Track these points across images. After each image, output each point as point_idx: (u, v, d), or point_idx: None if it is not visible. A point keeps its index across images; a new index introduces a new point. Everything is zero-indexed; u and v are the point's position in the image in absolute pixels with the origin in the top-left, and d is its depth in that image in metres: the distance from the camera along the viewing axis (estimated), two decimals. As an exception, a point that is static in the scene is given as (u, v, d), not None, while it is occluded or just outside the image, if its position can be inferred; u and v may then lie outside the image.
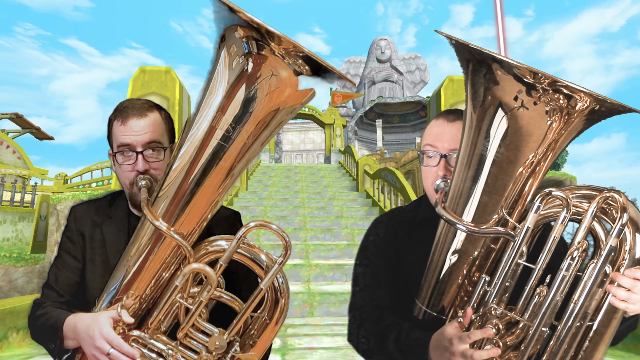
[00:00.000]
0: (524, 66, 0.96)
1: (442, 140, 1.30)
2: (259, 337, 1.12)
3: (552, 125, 1.01)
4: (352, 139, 29.48)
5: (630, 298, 0.99)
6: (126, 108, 1.28)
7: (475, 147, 1.08)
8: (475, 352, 1.01)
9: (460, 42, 1.04)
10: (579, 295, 0.99)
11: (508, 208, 1.08)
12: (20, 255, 11.25)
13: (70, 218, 1.37)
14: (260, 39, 0.96)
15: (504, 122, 1.03)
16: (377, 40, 34.84)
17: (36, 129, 22.61)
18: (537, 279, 1.03)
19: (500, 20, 13.90)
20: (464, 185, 1.11)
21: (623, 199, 0.98)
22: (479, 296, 1.08)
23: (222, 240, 1.12)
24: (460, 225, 1.07)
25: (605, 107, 0.97)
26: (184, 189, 1.06)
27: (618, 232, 0.97)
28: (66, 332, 1.15)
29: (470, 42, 1.02)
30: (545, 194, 1.02)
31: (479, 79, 1.05)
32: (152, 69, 10.48)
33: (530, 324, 1.01)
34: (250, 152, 1.06)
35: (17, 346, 5.44)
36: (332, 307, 7.11)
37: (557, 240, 1.01)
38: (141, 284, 1.12)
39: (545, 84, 0.96)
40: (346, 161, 20.57)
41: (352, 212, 12.11)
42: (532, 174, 1.06)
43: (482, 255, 1.13)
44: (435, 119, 1.37)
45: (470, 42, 1.02)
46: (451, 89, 10.31)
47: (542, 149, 1.03)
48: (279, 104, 1.02)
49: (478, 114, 1.07)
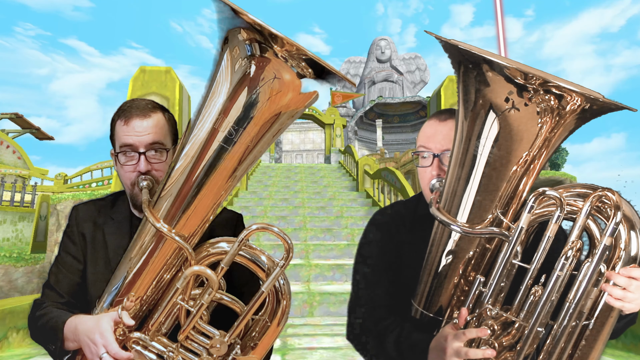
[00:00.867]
0: (514, 67, 0.96)
1: (434, 140, 1.30)
2: (260, 339, 1.12)
3: (544, 126, 1.00)
4: (352, 139, 29.48)
5: (626, 297, 0.99)
6: (130, 108, 1.28)
7: (468, 147, 1.08)
8: (470, 349, 1.01)
9: (450, 42, 1.03)
10: (574, 295, 0.99)
11: (502, 208, 1.08)
12: (20, 255, 11.24)
13: (72, 218, 1.37)
14: (264, 42, 0.96)
15: (495, 124, 1.03)
16: (377, 40, 34.82)
17: (36, 129, 22.61)
18: (532, 278, 1.03)
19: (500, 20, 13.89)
20: (457, 185, 1.11)
21: (617, 197, 0.98)
22: (474, 297, 1.08)
23: (223, 242, 1.12)
24: (455, 226, 1.07)
25: (597, 105, 0.97)
26: (186, 191, 1.06)
27: (612, 231, 0.97)
28: (67, 334, 1.14)
29: (460, 42, 1.02)
30: (539, 194, 1.01)
31: (469, 80, 1.04)
32: (152, 69, 10.47)
33: (526, 324, 1.01)
34: (252, 155, 1.06)
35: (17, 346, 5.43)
36: (332, 307, 7.10)
37: (551, 239, 1.00)
38: (142, 285, 1.12)
39: (536, 84, 0.96)
40: (346, 161, 20.56)
41: (352, 212, 12.10)
42: (525, 173, 1.06)
43: (477, 255, 1.13)
44: (428, 120, 1.37)
45: (460, 42, 1.02)
46: (451, 89, 10.29)
47: (535, 149, 1.03)
48: (281, 107, 1.01)
49: (470, 116, 1.06)
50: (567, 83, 0.95)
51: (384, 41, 34.60)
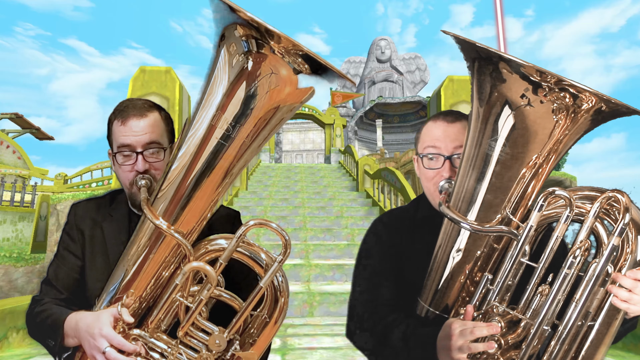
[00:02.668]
0: (530, 65, 0.96)
1: (444, 141, 1.29)
2: (258, 335, 1.12)
3: (558, 124, 1.01)
4: (352, 139, 29.48)
5: (632, 299, 0.99)
6: (126, 108, 1.28)
7: (481, 145, 1.08)
8: (472, 343, 1.01)
9: (468, 41, 1.04)
10: (580, 295, 1.00)
11: (512, 207, 1.08)
12: (20, 255, 11.24)
13: (71, 215, 1.37)
14: (260, 38, 0.96)
15: (510, 120, 1.03)
16: (377, 40, 34.82)
17: (36, 129, 22.61)
18: (540, 278, 1.03)
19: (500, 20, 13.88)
20: (468, 184, 1.11)
21: (626, 200, 0.99)
22: (482, 294, 1.09)
23: (221, 239, 1.12)
24: (465, 224, 1.07)
25: (609, 108, 0.98)
26: (184, 188, 1.06)
27: (620, 231, 0.98)
28: (67, 330, 1.14)
29: (477, 41, 1.02)
30: (549, 193, 1.02)
31: (485, 77, 1.05)
32: (152, 69, 10.46)
33: (532, 322, 1.02)
34: (250, 151, 1.06)
35: (17, 346, 5.43)
36: (332, 307, 7.10)
37: (559, 239, 1.01)
38: (141, 282, 1.12)
39: (551, 83, 0.96)
40: (346, 161, 20.56)
41: (352, 212, 12.10)
42: (535, 174, 1.06)
43: (485, 254, 1.13)
44: (432, 121, 1.35)
45: (477, 41, 1.02)
46: (451, 89, 10.29)
47: (547, 149, 1.04)
48: (278, 102, 1.02)
49: (484, 111, 1.07)
50: (581, 84, 0.96)
51: (384, 41, 34.60)
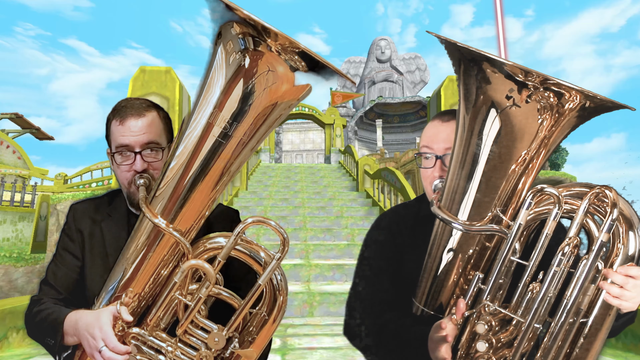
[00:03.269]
0: (513, 64, 0.97)
1: (437, 141, 1.31)
2: (257, 333, 1.12)
3: (544, 123, 1.01)
4: (352, 139, 29.48)
5: (623, 295, 0.99)
6: (124, 108, 1.28)
7: (469, 145, 1.09)
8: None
9: (450, 41, 1.04)
10: (571, 291, 1.00)
11: (502, 206, 1.09)
12: (20, 255, 11.24)
13: (70, 216, 1.38)
14: (257, 36, 0.96)
15: (496, 121, 1.04)
16: (377, 40, 34.84)
17: (36, 129, 22.61)
18: (531, 275, 1.03)
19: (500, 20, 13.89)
20: (458, 183, 1.12)
21: (614, 195, 0.99)
22: (473, 293, 1.09)
23: (220, 237, 1.12)
24: (455, 224, 1.08)
25: (594, 103, 0.98)
26: (182, 186, 1.06)
27: (609, 227, 0.98)
28: (67, 329, 1.15)
29: (459, 42, 1.03)
30: (537, 191, 1.03)
31: (470, 78, 1.06)
32: (152, 69, 10.47)
33: (523, 320, 1.02)
34: (247, 149, 1.06)
35: (17, 346, 5.43)
36: (332, 307, 7.10)
37: (549, 237, 1.01)
38: (140, 281, 1.12)
39: (536, 82, 0.97)
40: (346, 161, 20.57)
41: (352, 212, 12.11)
42: (525, 171, 1.07)
43: (477, 253, 1.14)
44: (431, 121, 1.38)
45: (459, 42, 1.03)
46: (451, 89, 10.30)
47: (535, 147, 1.04)
48: (276, 99, 1.02)
49: (471, 113, 1.07)
50: (566, 82, 0.97)
51: (384, 41, 34.62)
